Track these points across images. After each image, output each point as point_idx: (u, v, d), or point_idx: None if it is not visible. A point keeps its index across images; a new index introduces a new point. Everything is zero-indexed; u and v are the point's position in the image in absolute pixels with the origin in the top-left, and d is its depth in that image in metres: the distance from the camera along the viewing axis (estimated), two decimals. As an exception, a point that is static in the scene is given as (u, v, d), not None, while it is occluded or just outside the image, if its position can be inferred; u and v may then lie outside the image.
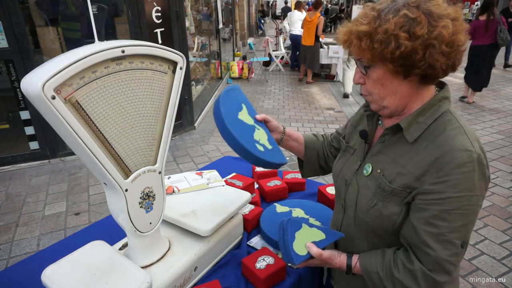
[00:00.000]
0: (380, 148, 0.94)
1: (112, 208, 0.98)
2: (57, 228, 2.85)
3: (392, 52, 0.77)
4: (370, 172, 0.94)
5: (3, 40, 3.46)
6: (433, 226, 0.81)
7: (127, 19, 4.08)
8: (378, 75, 0.85)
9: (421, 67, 0.78)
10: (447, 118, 0.85)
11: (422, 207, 0.82)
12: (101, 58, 0.77)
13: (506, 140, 4.67)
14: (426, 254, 0.82)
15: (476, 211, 0.81)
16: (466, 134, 0.81)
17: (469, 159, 0.77)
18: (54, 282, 0.93)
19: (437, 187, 0.79)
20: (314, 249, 0.94)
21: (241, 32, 12.39)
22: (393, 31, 0.76)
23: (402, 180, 0.85)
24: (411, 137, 0.86)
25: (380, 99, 0.89)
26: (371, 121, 1.01)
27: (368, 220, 0.93)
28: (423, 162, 0.82)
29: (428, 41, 0.76)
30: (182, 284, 1.09)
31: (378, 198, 0.90)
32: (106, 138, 0.84)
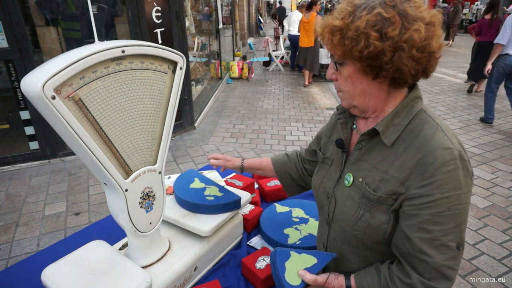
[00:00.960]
0: (359, 155, 0.91)
1: (112, 208, 0.98)
2: (57, 228, 2.85)
3: (361, 51, 0.75)
4: (351, 182, 0.90)
5: (3, 40, 3.46)
6: (426, 231, 0.78)
7: (127, 19, 4.08)
8: (348, 73, 0.83)
9: (389, 69, 0.76)
10: (422, 117, 0.83)
11: (412, 213, 0.79)
12: (101, 58, 0.77)
13: (506, 140, 4.66)
14: (423, 262, 0.79)
15: (466, 209, 0.78)
16: (443, 132, 0.79)
17: (451, 157, 0.75)
18: (54, 282, 0.93)
19: (424, 190, 0.76)
20: (308, 276, 0.90)
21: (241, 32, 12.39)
22: (364, 29, 0.74)
23: (386, 186, 0.82)
24: (388, 141, 0.83)
25: (350, 97, 0.87)
26: (346, 128, 0.98)
27: (357, 233, 0.89)
28: (405, 165, 0.79)
29: (398, 44, 0.74)
30: (182, 284, 1.09)
31: (364, 209, 0.86)
32: (106, 138, 0.84)
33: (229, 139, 4.77)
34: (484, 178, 3.64)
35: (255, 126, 5.29)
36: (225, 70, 8.44)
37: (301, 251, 0.97)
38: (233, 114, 5.87)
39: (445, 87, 7.56)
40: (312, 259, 0.95)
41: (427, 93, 7.02)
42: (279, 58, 9.64)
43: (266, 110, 6.07)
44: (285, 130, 5.12)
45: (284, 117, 5.71)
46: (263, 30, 18.20)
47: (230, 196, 1.26)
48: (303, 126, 5.29)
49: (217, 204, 1.22)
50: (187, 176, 1.43)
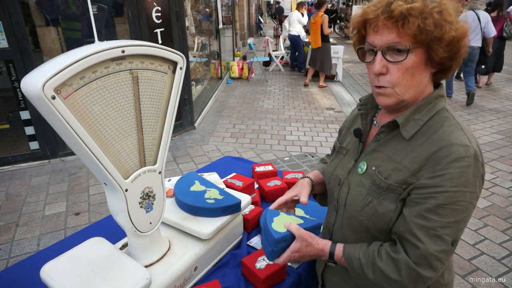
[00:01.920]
0: (375, 147, 0.92)
1: (112, 208, 0.98)
2: (57, 228, 2.85)
3: (442, 36, 0.76)
4: (364, 170, 0.92)
5: (3, 40, 3.46)
6: (425, 219, 0.79)
7: (127, 19, 4.08)
8: (413, 63, 0.79)
9: (462, 56, 0.80)
10: (444, 115, 0.84)
11: (417, 201, 0.80)
12: (101, 58, 0.77)
13: (506, 140, 4.66)
14: (414, 246, 0.80)
15: (469, 209, 0.79)
16: (463, 130, 0.80)
17: (466, 154, 0.76)
18: (53, 278, 0.93)
19: (434, 181, 0.77)
20: (294, 225, 0.93)
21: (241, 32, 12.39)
22: (448, 15, 0.76)
23: (398, 176, 0.83)
24: (407, 134, 0.84)
25: (404, 91, 0.83)
26: (365, 120, 0.99)
27: (362, 219, 0.90)
28: (419, 157, 0.80)
29: (462, 30, 0.77)
30: (182, 284, 1.09)
31: (373, 195, 0.88)
32: (106, 138, 0.84)
33: (229, 139, 4.77)
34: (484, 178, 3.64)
35: (255, 126, 5.29)
36: (225, 70, 8.44)
37: (290, 213, 1.03)
38: (233, 114, 5.87)
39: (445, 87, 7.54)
40: (299, 220, 1.01)
41: (427, 93, 7.00)
42: (279, 58, 9.64)
43: (266, 110, 6.07)
44: (285, 130, 5.12)
45: (284, 117, 5.71)
46: (263, 30, 18.21)
47: (231, 199, 1.27)
48: (303, 126, 5.29)
49: (218, 207, 1.22)
50: (188, 179, 1.44)
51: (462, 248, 2.59)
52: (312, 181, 1.15)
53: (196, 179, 1.44)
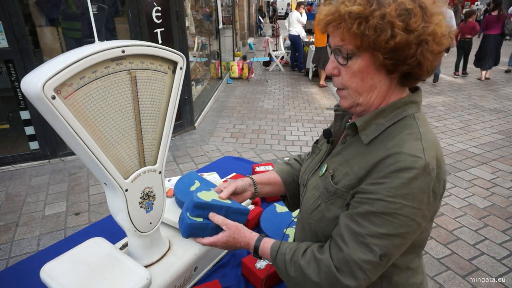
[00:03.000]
0: (340, 149, 0.88)
1: (112, 208, 0.98)
2: (57, 228, 2.85)
3: (386, 42, 0.69)
4: (323, 172, 0.88)
5: (3, 40, 3.46)
6: (355, 222, 0.74)
7: (127, 19, 4.08)
8: (359, 67, 0.76)
9: (411, 64, 0.72)
10: (408, 122, 0.78)
11: (353, 205, 0.77)
12: (101, 58, 0.77)
13: (506, 140, 4.66)
14: (338, 249, 0.75)
15: (409, 225, 0.71)
16: (421, 141, 0.73)
17: (413, 165, 0.69)
18: (53, 278, 0.93)
19: (373, 188, 0.73)
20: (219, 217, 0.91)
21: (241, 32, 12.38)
22: (392, 18, 0.69)
23: (346, 181, 0.79)
24: (366, 138, 0.79)
25: (356, 95, 0.80)
26: (340, 122, 0.95)
27: (311, 222, 0.87)
28: (368, 163, 0.76)
29: (423, 37, 0.70)
30: (182, 284, 1.09)
31: (322, 199, 0.85)
32: (106, 138, 0.84)
33: (229, 139, 4.77)
34: (484, 178, 3.64)
35: (255, 126, 5.29)
36: (225, 70, 8.44)
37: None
38: (233, 114, 5.87)
39: (445, 87, 7.56)
40: (227, 201, 0.97)
41: (427, 93, 7.02)
42: (279, 58, 9.64)
43: (266, 110, 6.07)
44: (285, 130, 5.12)
45: (284, 117, 5.71)
46: (263, 30, 18.22)
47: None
48: (303, 126, 5.29)
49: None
50: (188, 179, 1.43)
51: (462, 248, 2.59)
52: (254, 181, 1.10)
53: (196, 179, 1.44)
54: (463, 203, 3.19)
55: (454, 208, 3.12)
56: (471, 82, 7.95)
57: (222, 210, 0.94)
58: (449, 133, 4.91)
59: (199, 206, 0.90)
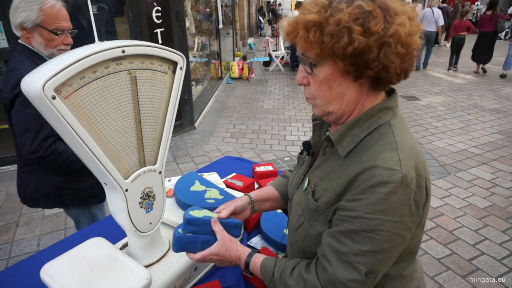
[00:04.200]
0: (320, 162, 0.86)
1: (112, 208, 0.98)
2: (57, 228, 2.85)
3: (344, 48, 0.67)
4: (306, 187, 0.86)
5: (3, 40, 3.46)
6: (338, 242, 0.73)
7: (127, 19, 4.08)
8: (325, 75, 0.74)
9: (375, 68, 0.69)
10: (383, 131, 0.75)
11: (335, 223, 0.75)
12: (101, 58, 0.77)
13: (506, 140, 4.66)
14: (324, 269, 0.75)
15: (393, 239, 0.70)
16: (397, 151, 0.71)
17: (389, 179, 0.67)
18: (53, 278, 0.93)
19: (351, 205, 0.71)
20: (218, 226, 0.91)
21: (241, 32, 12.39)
22: (347, 23, 0.66)
23: (326, 197, 0.78)
24: (343, 151, 0.77)
25: (325, 104, 0.78)
26: (319, 131, 0.92)
27: (297, 240, 0.86)
28: (345, 178, 0.74)
29: (384, 39, 0.67)
30: (182, 284, 1.09)
31: (305, 216, 0.83)
32: (106, 138, 0.84)
33: (229, 139, 4.77)
34: (484, 178, 3.64)
35: (255, 126, 5.29)
36: (225, 70, 8.45)
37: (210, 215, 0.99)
38: (233, 114, 5.87)
39: (445, 87, 7.56)
40: (214, 214, 0.97)
41: (427, 93, 7.02)
42: (279, 58, 9.64)
43: (266, 110, 6.07)
44: (285, 130, 5.12)
45: (284, 117, 5.71)
46: (263, 30, 18.22)
47: (230, 199, 1.26)
48: (303, 126, 5.29)
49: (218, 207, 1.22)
50: (188, 179, 1.43)
51: (462, 248, 2.59)
52: (252, 199, 1.07)
53: (196, 179, 1.44)
54: (463, 203, 3.19)
55: (454, 208, 3.12)
56: (471, 82, 7.96)
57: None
58: (449, 133, 4.91)
59: (191, 222, 0.91)
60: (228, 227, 0.96)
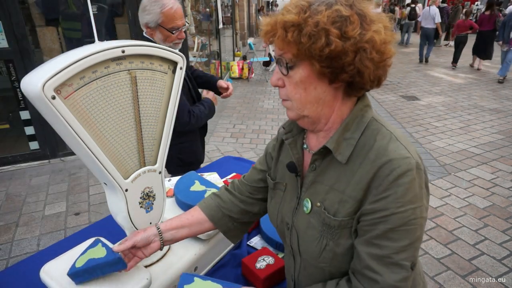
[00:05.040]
0: (314, 177, 0.82)
1: (112, 208, 0.98)
2: (57, 228, 2.85)
3: (321, 49, 0.68)
4: (310, 208, 0.82)
5: (3, 40, 3.46)
6: (377, 247, 0.71)
7: (127, 19, 4.08)
8: (301, 77, 0.74)
9: (350, 72, 0.70)
10: (374, 127, 0.77)
11: (366, 229, 0.73)
12: (101, 58, 0.78)
13: (506, 140, 4.66)
14: (372, 281, 0.71)
15: (421, 225, 0.72)
16: (398, 141, 0.73)
17: (408, 167, 0.69)
18: (53, 278, 0.93)
19: (379, 205, 0.70)
20: None
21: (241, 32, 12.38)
22: (325, 24, 0.67)
23: (346, 208, 0.75)
24: (342, 157, 0.76)
25: (301, 106, 0.77)
26: (295, 149, 0.88)
27: (323, 265, 0.80)
28: (362, 182, 0.73)
29: (360, 44, 0.68)
30: (182, 284, 1.09)
31: (327, 237, 0.78)
32: (106, 138, 0.84)
33: (229, 139, 4.77)
34: (484, 178, 3.64)
35: (255, 126, 5.29)
36: (225, 70, 8.44)
37: (207, 278, 0.92)
38: (233, 114, 5.87)
39: (445, 87, 7.56)
40: (217, 286, 0.89)
41: (427, 93, 7.02)
42: (279, 58, 9.63)
43: (266, 110, 6.07)
44: (285, 130, 5.12)
45: (284, 117, 5.71)
46: (263, 30, 18.19)
47: None
48: (303, 126, 5.29)
49: None
50: (188, 179, 1.43)
51: (462, 248, 2.59)
52: (159, 229, 0.96)
53: (196, 179, 1.44)
54: (463, 203, 3.19)
55: (454, 208, 3.12)
56: (471, 82, 7.96)
57: (96, 270, 0.90)
58: (449, 133, 4.91)
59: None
60: (106, 266, 0.89)
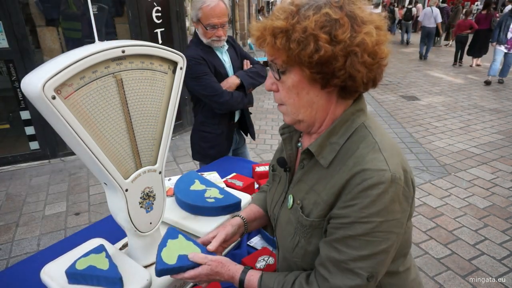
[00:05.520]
0: (301, 175, 0.83)
1: (112, 208, 0.98)
2: (57, 228, 2.85)
3: (310, 56, 0.67)
4: (291, 204, 0.83)
5: (4, 40, 3.46)
6: (336, 251, 0.72)
7: (127, 19, 4.08)
8: (293, 82, 0.74)
9: (341, 77, 0.69)
10: (361, 134, 0.75)
11: (330, 231, 0.74)
12: (101, 58, 0.78)
13: (506, 140, 4.66)
14: (324, 279, 0.73)
15: (389, 238, 0.70)
16: (380, 152, 0.71)
17: (379, 180, 0.67)
18: (54, 279, 0.93)
19: (344, 212, 0.71)
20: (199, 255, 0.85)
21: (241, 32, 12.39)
22: (313, 30, 0.66)
23: (318, 210, 0.76)
24: (325, 161, 0.76)
25: (295, 111, 0.78)
26: (290, 145, 0.90)
27: (296, 260, 0.83)
28: (334, 187, 0.73)
29: (350, 48, 0.67)
30: (182, 284, 1.09)
31: (299, 235, 0.80)
32: (106, 138, 0.84)
33: (229, 139, 4.77)
34: (484, 178, 3.64)
35: (255, 126, 5.27)
36: (225, 70, 8.43)
37: (190, 239, 0.94)
38: (233, 114, 5.86)
39: (445, 87, 7.56)
40: (196, 249, 0.91)
41: (427, 93, 7.02)
42: (279, 58, 9.64)
43: (266, 110, 6.07)
44: (285, 130, 5.12)
45: (284, 117, 5.71)
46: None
47: (231, 198, 1.26)
48: (303, 126, 5.29)
49: (218, 206, 1.22)
50: (188, 178, 1.43)
51: (462, 248, 2.59)
52: (245, 220, 1.02)
53: (196, 178, 1.44)
54: (463, 203, 3.19)
55: (454, 208, 3.12)
56: (471, 82, 7.96)
57: (93, 279, 0.90)
58: (449, 133, 4.91)
59: (161, 271, 0.85)
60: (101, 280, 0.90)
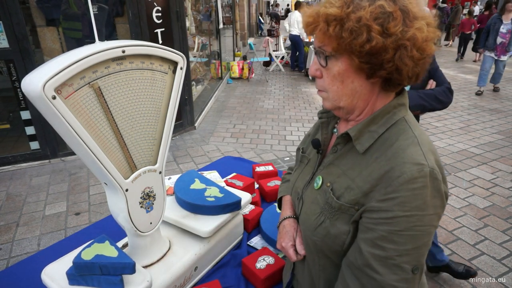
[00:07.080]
0: (332, 159, 0.85)
1: (112, 208, 0.98)
2: (57, 228, 2.85)
3: (362, 45, 0.68)
4: (320, 185, 0.85)
5: (4, 40, 3.46)
6: (380, 248, 0.72)
7: (127, 19, 4.08)
8: (339, 70, 0.75)
9: (388, 69, 0.71)
10: (401, 127, 0.77)
11: (369, 227, 0.74)
12: (101, 58, 0.78)
13: (506, 140, 4.66)
14: (371, 278, 0.73)
15: (429, 232, 0.72)
16: (419, 146, 0.73)
17: (419, 174, 0.68)
18: (54, 280, 0.93)
19: (385, 205, 0.70)
20: None
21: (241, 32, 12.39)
22: (367, 21, 0.67)
23: (350, 195, 0.77)
24: (361, 147, 0.78)
25: (337, 98, 0.79)
26: (326, 129, 0.93)
27: (315, 239, 0.84)
28: (371, 176, 0.73)
29: (401, 41, 0.68)
30: (182, 284, 1.09)
31: (325, 215, 0.81)
32: (106, 138, 0.84)
33: (230, 139, 4.77)
34: (484, 178, 3.64)
35: (256, 126, 5.29)
36: (225, 70, 8.45)
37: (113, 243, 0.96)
38: (234, 114, 5.87)
39: (445, 87, 7.56)
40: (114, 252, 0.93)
41: (428, 93, 7.01)
42: (280, 58, 9.64)
43: (266, 110, 6.07)
44: (285, 130, 5.12)
45: (285, 117, 5.71)
46: (263, 31, 18.24)
47: (231, 197, 1.26)
48: (303, 126, 5.29)
49: (218, 205, 1.22)
50: (188, 177, 1.43)
51: (462, 248, 2.59)
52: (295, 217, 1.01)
53: (196, 177, 1.44)
54: (463, 203, 3.19)
55: (454, 208, 3.12)
56: (471, 82, 7.95)
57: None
58: (449, 133, 4.91)
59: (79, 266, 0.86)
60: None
